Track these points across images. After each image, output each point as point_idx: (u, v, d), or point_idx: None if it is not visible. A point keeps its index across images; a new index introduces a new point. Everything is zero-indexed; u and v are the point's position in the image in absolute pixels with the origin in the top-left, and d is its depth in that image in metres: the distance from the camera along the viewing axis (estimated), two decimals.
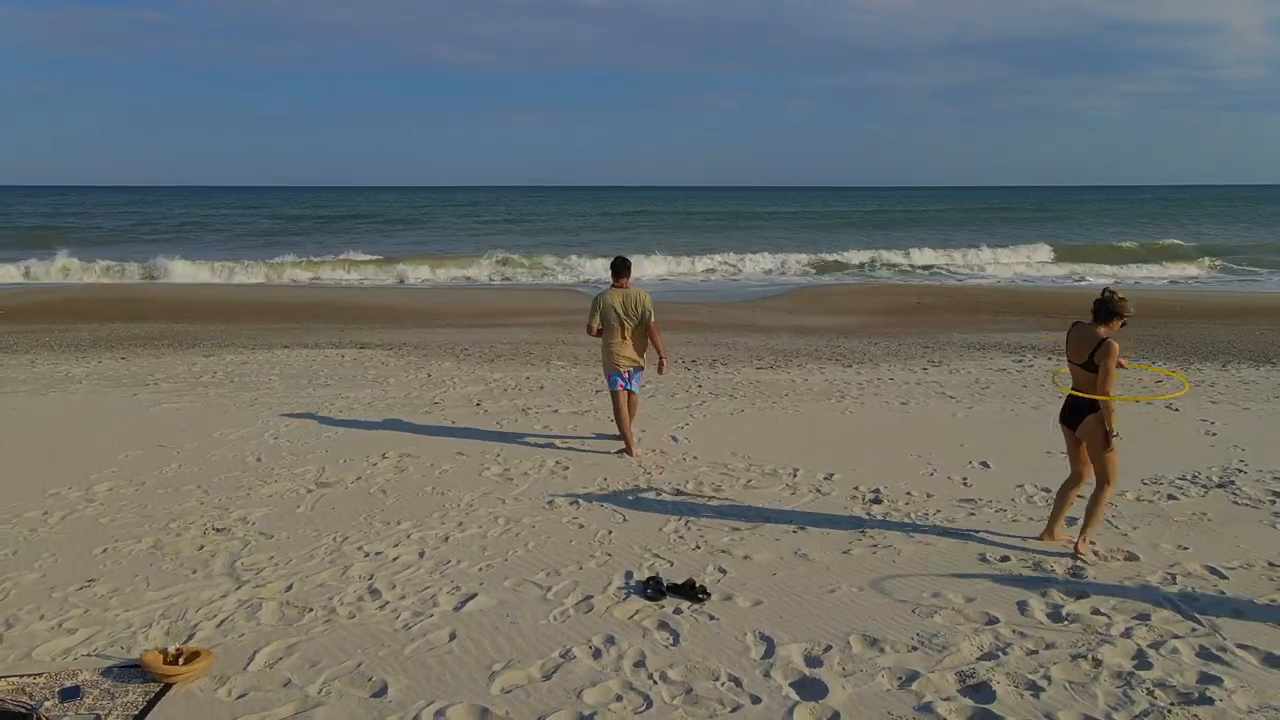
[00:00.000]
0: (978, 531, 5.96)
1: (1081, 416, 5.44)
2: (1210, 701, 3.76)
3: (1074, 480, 5.71)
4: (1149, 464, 7.50)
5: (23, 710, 3.62)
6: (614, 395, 7.96)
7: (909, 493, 6.77)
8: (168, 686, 3.88)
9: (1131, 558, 5.45)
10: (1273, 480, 7.07)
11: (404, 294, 24.83)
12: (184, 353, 13.94)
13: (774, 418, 9.35)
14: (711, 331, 16.77)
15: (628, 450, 7.93)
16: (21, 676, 3.97)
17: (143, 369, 12.33)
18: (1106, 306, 5.31)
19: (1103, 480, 5.45)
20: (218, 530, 5.96)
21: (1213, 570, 5.24)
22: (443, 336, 15.94)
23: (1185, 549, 5.60)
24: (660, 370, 8.11)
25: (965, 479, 7.17)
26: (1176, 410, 9.70)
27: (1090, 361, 5.30)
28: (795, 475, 7.22)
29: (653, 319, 7.95)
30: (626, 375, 7.93)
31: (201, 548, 5.66)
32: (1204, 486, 6.94)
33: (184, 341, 15.26)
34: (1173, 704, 3.75)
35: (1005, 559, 5.46)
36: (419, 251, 34.98)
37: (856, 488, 6.89)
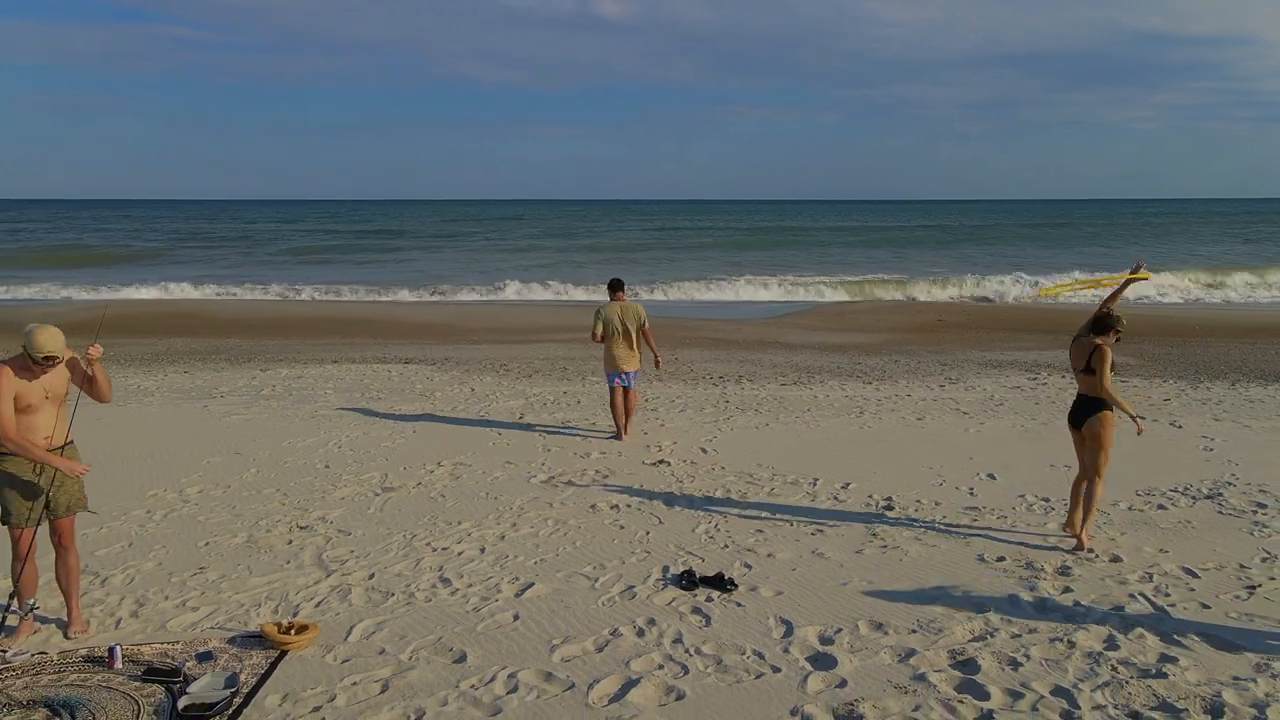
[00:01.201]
0: (979, 535, 6.60)
1: (1085, 416, 6.23)
2: (1165, 676, 4.41)
3: (1084, 475, 6.38)
4: (1145, 476, 8.10)
5: (170, 668, 4.40)
6: (611, 390, 9.62)
7: (918, 501, 7.43)
8: (284, 653, 4.65)
9: (1115, 559, 6.08)
10: (1259, 493, 7.64)
11: (440, 310, 25.71)
12: (241, 367, 14.87)
13: (796, 432, 10.03)
14: (738, 348, 17.46)
15: (618, 436, 9.55)
16: (163, 644, 4.76)
17: (207, 382, 13.25)
18: (1103, 321, 6.20)
19: (1095, 474, 6.22)
20: (301, 528, 6.76)
21: (1188, 570, 5.86)
22: (481, 352, 16.77)
23: (1165, 552, 6.22)
24: (656, 366, 9.94)
25: (971, 489, 7.81)
26: (1180, 427, 10.26)
27: (1088, 367, 6.16)
28: (815, 484, 7.91)
29: (647, 326, 9.64)
30: (624, 375, 9.50)
31: (290, 542, 6.46)
32: (1193, 498, 7.53)
33: (238, 356, 16.20)
34: (1132, 677, 4.40)
35: (1001, 559, 6.11)
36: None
37: (871, 496, 7.56)
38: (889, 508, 7.26)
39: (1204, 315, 24.06)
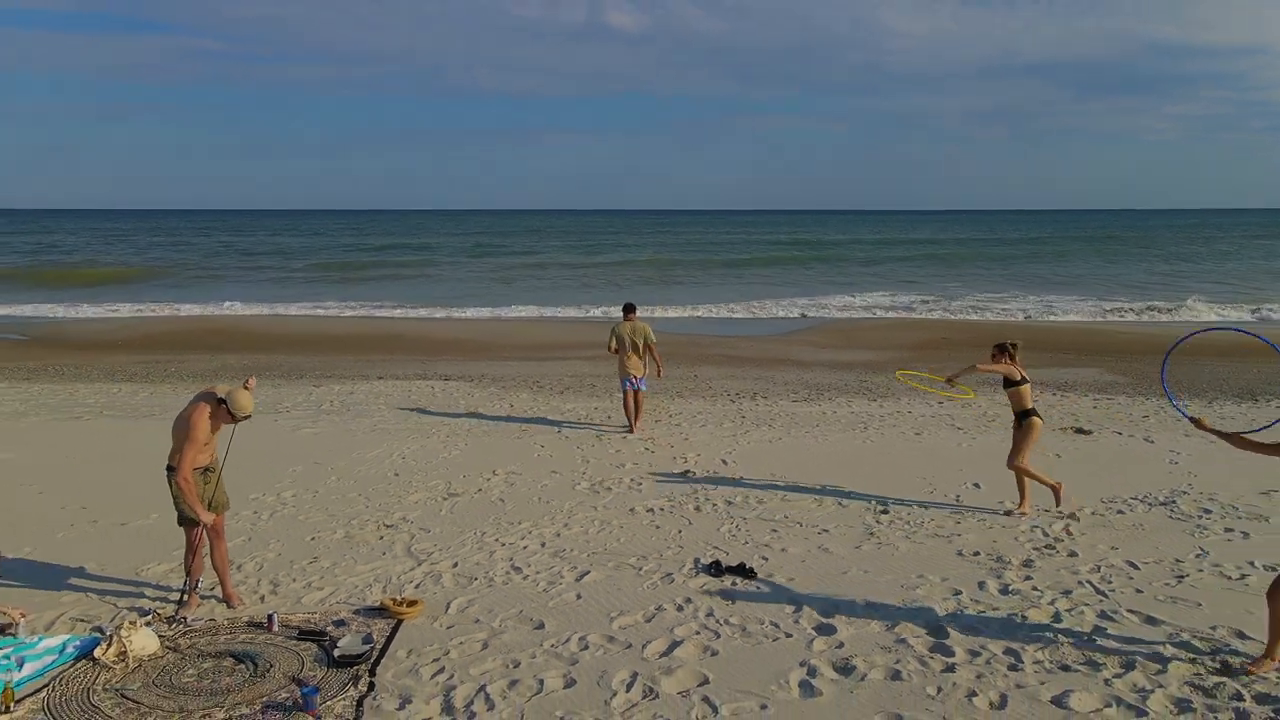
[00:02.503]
0: (960, 535, 7.81)
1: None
2: (1094, 641, 5.61)
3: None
4: (1111, 486, 9.28)
5: (318, 630, 5.67)
6: (624, 393, 11.99)
7: (910, 506, 8.64)
8: (400, 621, 5.90)
9: (1072, 554, 7.28)
10: (1208, 501, 8.81)
11: (468, 326, 27.05)
12: (295, 383, 16.19)
13: (806, 445, 11.24)
14: (753, 366, 18.69)
15: (630, 430, 11.84)
16: (305, 614, 6.02)
17: (270, 398, 14.55)
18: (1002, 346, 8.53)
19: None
20: (388, 526, 8.03)
21: (1130, 563, 7.05)
22: (514, 370, 18.05)
23: (1116, 549, 7.40)
24: (658, 374, 12.24)
25: (958, 496, 9.01)
26: (1152, 442, 11.42)
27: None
28: (822, 491, 9.13)
29: (653, 341, 11.92)
30: (633, 380, 11.85)
31: (381, 538, 7.72)
32: (1149, 504, 8.70)
33: (291, 373, 17.54)
34: (1068, 641, 5.61)
35: (976, 553, 7.31)
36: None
37: (870, 502, 8.77)
38: (884, 511, 8.47)
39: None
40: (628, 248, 68.51)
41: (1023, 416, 8.44)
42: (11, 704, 4.68)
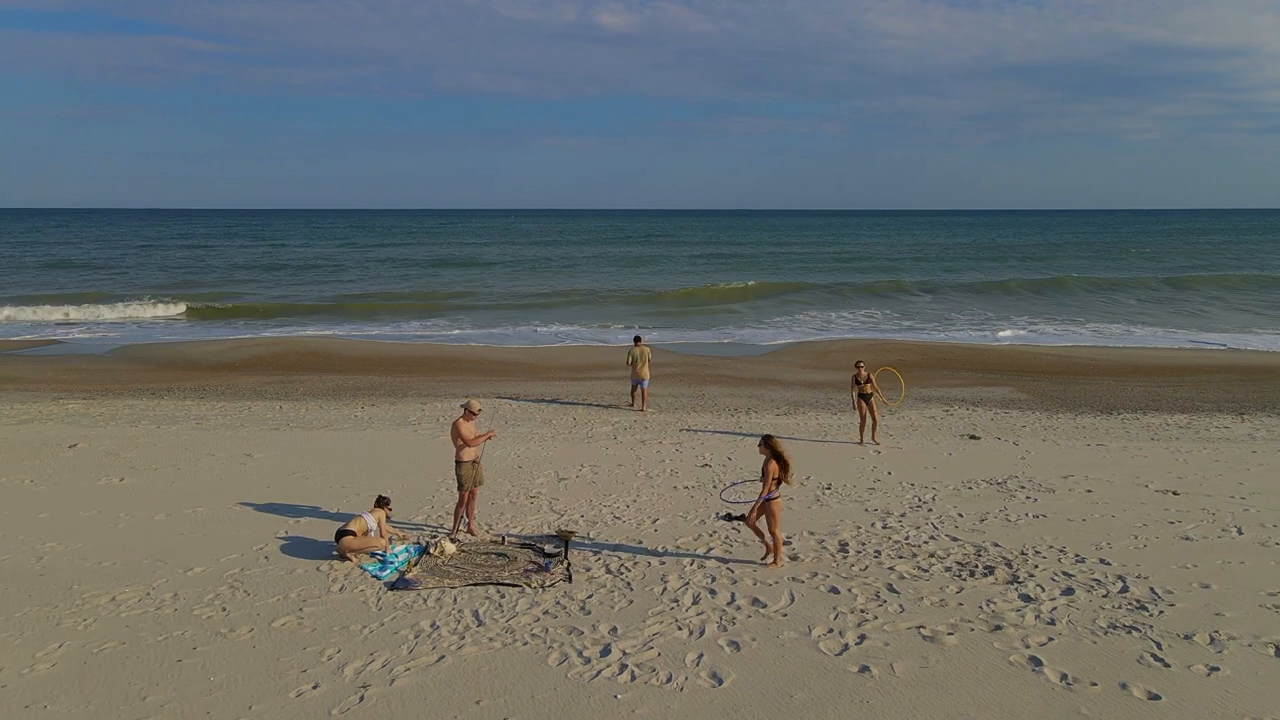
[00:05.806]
0: (870, 500, 13.34)
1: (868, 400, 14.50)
2: (920, 547, 11.16)
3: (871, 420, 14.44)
4: (970, 472, 14.83)
5: (531, 543, 11.17)
6: (632, 387, 20.57)
7: (844, 485, 14.18)
8: (568, 541, 11.38)
9: (929, 510, 12.82)
10: (1026, 481, 14.36)
11: (514, 350, 32.50)
12: (403, 401, 21.63)
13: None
14: (746, 385, 24.23)
15: (634, 408, 20.34)
16: (517, 538, 11.51)
17: (395, 413, 20.02)
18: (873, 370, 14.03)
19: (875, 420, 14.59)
20: (531, 497, 13.52)
21: (959, 514, 12.58)
22: (564, 389, 23.54)
23: (956, 507, 12.94)
24: (648, 376, 20.57)
25: (876, 480, 14.55)
26: (1018, 445, 17.00)
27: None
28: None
29: (651, 360, 20.51)
30: (641, 381, 20.12)
31: (531, 502, 13.22)
32: (990, 483, 14.25)
33: (393, 392, 22.96)
34: (908, 547, 11.15)
35: (877, 509, 12.84)
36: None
37: (819, 483, 14.31)
38: (829, 488, 14.00)
39: (1104, 356, 30.77)
40: (661, 264, 74.08)
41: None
42: (411, 570, 10.16)
